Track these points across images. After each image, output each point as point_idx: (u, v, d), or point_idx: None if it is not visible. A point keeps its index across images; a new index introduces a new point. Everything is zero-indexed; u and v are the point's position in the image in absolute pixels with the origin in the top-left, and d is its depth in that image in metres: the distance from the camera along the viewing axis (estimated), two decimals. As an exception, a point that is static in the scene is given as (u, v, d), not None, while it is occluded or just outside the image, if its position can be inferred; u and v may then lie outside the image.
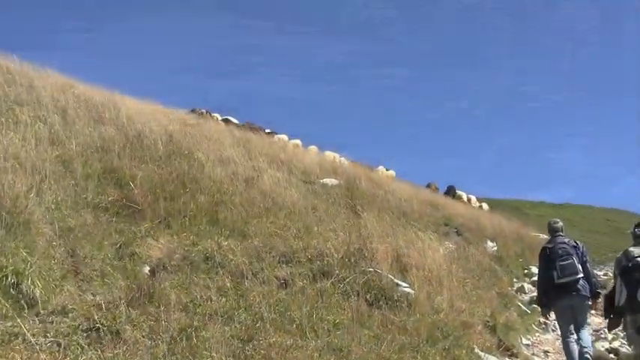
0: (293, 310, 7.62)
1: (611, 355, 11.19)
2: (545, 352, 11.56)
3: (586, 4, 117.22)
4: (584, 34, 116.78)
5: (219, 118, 25.47)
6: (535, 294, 11.74)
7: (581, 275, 9.26)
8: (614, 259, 8.62)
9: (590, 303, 9.41)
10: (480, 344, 9.02)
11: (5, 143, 9.13)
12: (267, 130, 26.23)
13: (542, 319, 12.66)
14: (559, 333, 9.91)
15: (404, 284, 9.40)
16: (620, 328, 8.49)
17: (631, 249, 8.09)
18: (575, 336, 9.19)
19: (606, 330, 10.80)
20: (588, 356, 9.02)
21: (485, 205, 32.61)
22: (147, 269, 7.93)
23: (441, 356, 7.81)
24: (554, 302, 9.43)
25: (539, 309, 10.66)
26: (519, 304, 13.84)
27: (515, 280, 16.46)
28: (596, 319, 12.62)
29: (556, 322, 10.75)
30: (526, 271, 17.72)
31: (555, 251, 9.42)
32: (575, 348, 9.09)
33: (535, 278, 13.13)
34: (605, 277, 16.64)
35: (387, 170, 28.75)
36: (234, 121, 26.00)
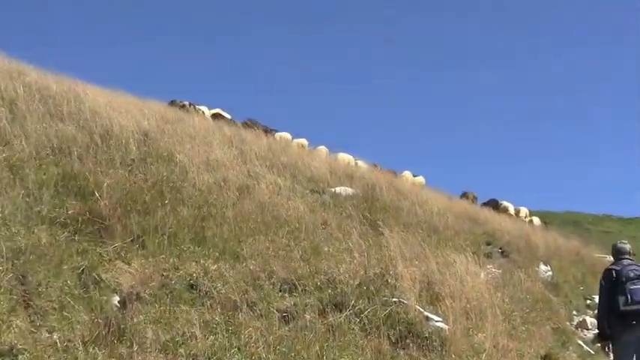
0: (298, 351, 7.58)
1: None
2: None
3: (585, 4, 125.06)
4: (584, 34, 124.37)
5: (207, 112, 25.36)
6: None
7: None
8: None
9: None
10: (532, 393, 8.95)
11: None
12: (267, 128, 26.06)
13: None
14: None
15: (436, 318, 9.34)
16: None
17: None
18: None
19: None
20: None
21: (536, 219, 32.46)
22: (116, 300, 7.89)
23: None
24: (618, 335, 9.36)
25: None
26: (580, 342, 13.74)
27: (574, 312, 16.34)
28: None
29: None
30: (589, 301, 17.56)
31: (625, 273, 9.36)
32: None
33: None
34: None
35: (414, 177, 28.67)
36: (226, 115, 25.84)
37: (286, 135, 25.62)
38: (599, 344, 10.55)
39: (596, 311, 15.16)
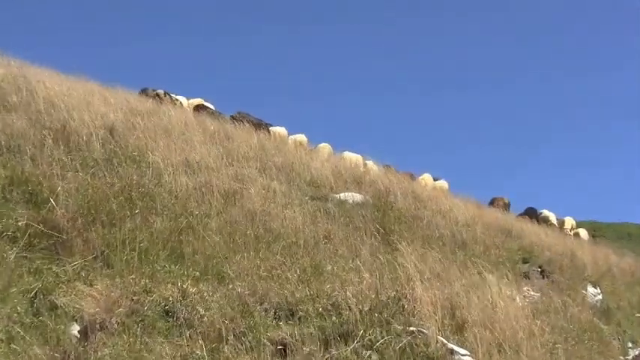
0: (296, 391, 7.57)
1: None
2: None
3: (585, 4, 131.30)
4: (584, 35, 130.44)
5: (186, 102, 25.26)
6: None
7: None
8: None
9: None
10: None
11: None
12: (259, 122, 25.90)
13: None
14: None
15: (462, 351, 9.33)
16: None
17: None
18: None
19: None
20: None
21: (583, 232, 32.41)
22: (76, 329, 7.87)
23: None
24: None
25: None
26: (637, 380, 13.73)
27: (630, 344, 16.33)
28: None
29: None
30: (647, 331, 17.58)
31: None
32: None
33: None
34: None
35: (434, 180, 28.63)
36: (210, 106, 25.71)
37: (282, 130, 25.46)
38: None
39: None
